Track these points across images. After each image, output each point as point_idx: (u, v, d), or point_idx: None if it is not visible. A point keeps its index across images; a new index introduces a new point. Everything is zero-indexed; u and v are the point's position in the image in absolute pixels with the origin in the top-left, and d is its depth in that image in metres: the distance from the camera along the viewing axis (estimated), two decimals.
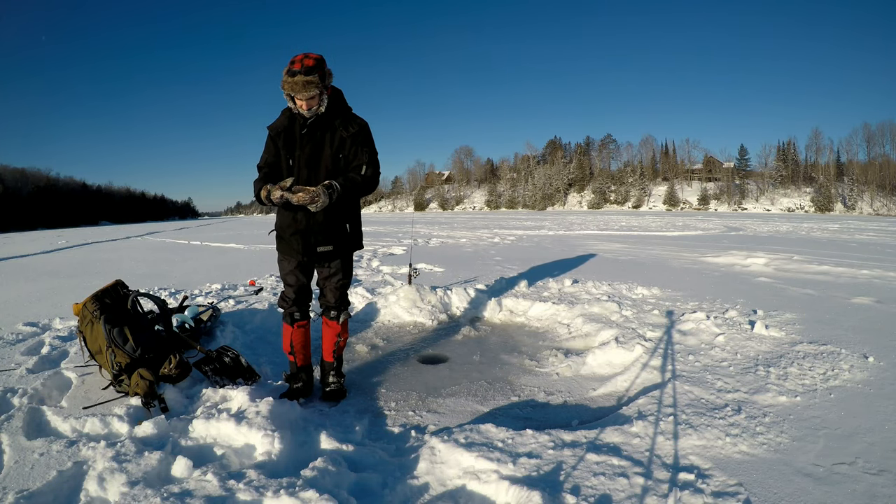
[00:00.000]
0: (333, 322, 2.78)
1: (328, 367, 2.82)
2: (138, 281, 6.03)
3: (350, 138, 2.53)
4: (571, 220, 28.40)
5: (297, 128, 2.53)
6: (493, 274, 6.43)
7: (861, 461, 1.83)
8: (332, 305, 2.77)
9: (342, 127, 2.52)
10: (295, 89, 2.34)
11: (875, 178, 62.16)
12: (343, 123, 2.53)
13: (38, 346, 3.37)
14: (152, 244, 14.96)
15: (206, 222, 54.02)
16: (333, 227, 2.58)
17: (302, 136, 2.52)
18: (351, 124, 2.54)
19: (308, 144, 2.51)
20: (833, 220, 29.48)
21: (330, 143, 2.52)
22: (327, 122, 2.51)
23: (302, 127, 2.51)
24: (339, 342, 2.79)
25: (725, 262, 7.67)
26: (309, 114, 2.45)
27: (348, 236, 2.66)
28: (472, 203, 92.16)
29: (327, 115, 2.50)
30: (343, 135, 2.52)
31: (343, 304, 2.79)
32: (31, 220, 60.00)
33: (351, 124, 2.54)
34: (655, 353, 3.11)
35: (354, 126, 2.54)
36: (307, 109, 2.43)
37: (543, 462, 1.83)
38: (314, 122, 2.50)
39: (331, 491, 1.62)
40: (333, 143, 2.52)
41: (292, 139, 2.54)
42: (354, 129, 2.53)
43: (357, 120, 2.58)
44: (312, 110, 2.44)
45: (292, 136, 2.54)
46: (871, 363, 2.75)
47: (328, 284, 2.75)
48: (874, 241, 11.82)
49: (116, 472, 1.72)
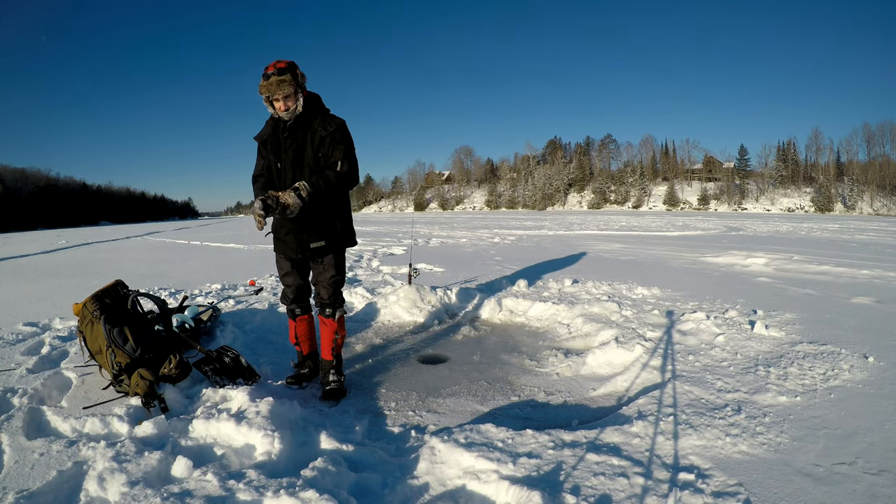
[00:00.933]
0: (329, 319, 2.84)
1: (327, 365, 2.85)
2: (138, 281, 6.03)
3: (329, 136, 2.61)
4: (571, 220, 28.39)
5: (281, 133, 2.65)
6: (493, 274, 6.43)
7: (861, 461, 1.83)
8: (327, 302, 2.83)
9: (321, 126, 2.62)
10: (270, 90, 2.48)
11: (875, 178, 62.12)
12: (322, 123, 2.63)
13: (38, 346, 3.37)
14: (152, 244, 14.96)
15: (206, 222, 54.01)
16: (323, 224, 2.70)
17: (285, 139, 2.63)
18: (329, 123, 2.63)
19: (291, 147, 2.63)
20: (833, 220, 29.47)
21: (311, 143, 2.62)
22: (306, 124, 2.62)
23: (283, 131, 2.63)
24: (336, 339, 2.84)
25: (725, 262, 7.67)
26: (287, 115, 2.57)
27: (339, 232, 2.77)
28: (472, 203, 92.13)
29: (306, 116, 2.61)
30: (322, 133, 2.61)
31: (337, 301, 2.85)
32: (31, 220, 59.99)
33: (329, 123, 2.63)
34: (655, 353, 3.11)
35: (332, 125, 2.63)
36: (285, 110, 2.55)
37: (543, 462, 1.84)
38: (294, 125, 2.61)
39: (331, 491, 1.62)
40: (314, 143, 2.62)
41: (277, 144, 2.67)
42: (332, 127, 2.62)
43: (335, 119, 2.67)
44: (290, 111, 2.56)
45: (277, 141, 2.67)
46: (871, 363, 2.75)
47: (321, 281, 2.82)
48: (874, 241, 11.82)
49: (116, 472, 1.72)
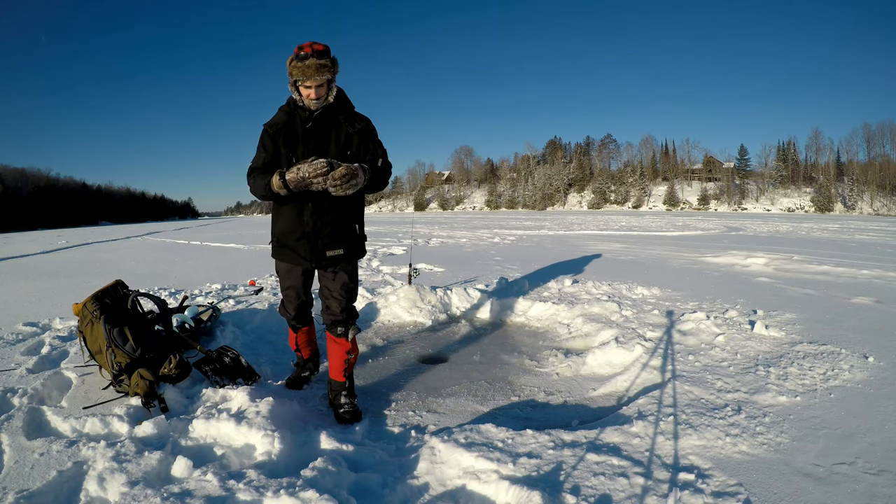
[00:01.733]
0: (342, 339, 2.49)
1: (338, 386, 2.51)
2: (138, 281, 6.03)
3: (357, 134, 2.37)
4: (571, 220, 28.39)
5: (300, 123, 2.34)
6: (493, 274, 6.43)
7: (861, 461, 1.83)
8: (339, 319, 2.49)
9: (347, 123, 2.37)
10: (307, 73, 2.17)
11: (875, 178, 62.08)
12: (348, 119, 2.38)
13: (38, 346, 3.36)
14: (152, 244, 14.96)
15: (206, 222, 54.02)
16: (344, 228, 2.40)
17: (306, 130, 2.32)
18: (356, 120, 2.40)
19: (312, 140, 2.33)
20: (833, 220, 29.46)
21: (335, 139, 2.35)
22: (332, 118, 2.35)
23: (306, 121, 2.32)
24: (349, 360, 2.51)
25: (725, 262, 7.67)
26: (316, 104, 2.27)
27: (357, 238, 2.50)
28: (472, 203, 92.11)
29: (333, 109, 2.34)
30: (349, 131, 2.36)
31: (351, 317, 2.53)
32: (31, 220, 59.93)
33: (356, 120, 2.40)
34: (655, 353, 3.11)
35: (360, 122, 2.40)
36: (315, 99, 2.25)
37: (543, 462, 1.84)
38: (320, 116, 2.32)
39: (331, 491, 1.62)
40: (339, 140, 2.35)
41: (293, 136, 2.34)
42: (360, 124, 2.39)
43: (362, 116, 2.44)
44: (321, 100, 2.27)
45: (293, 132, 2.34)
46: (871, 363, 2.75)
47: (333, 293, 2.48)
48: (874, 241, 11.82)
49: (116, 472, 1.72)
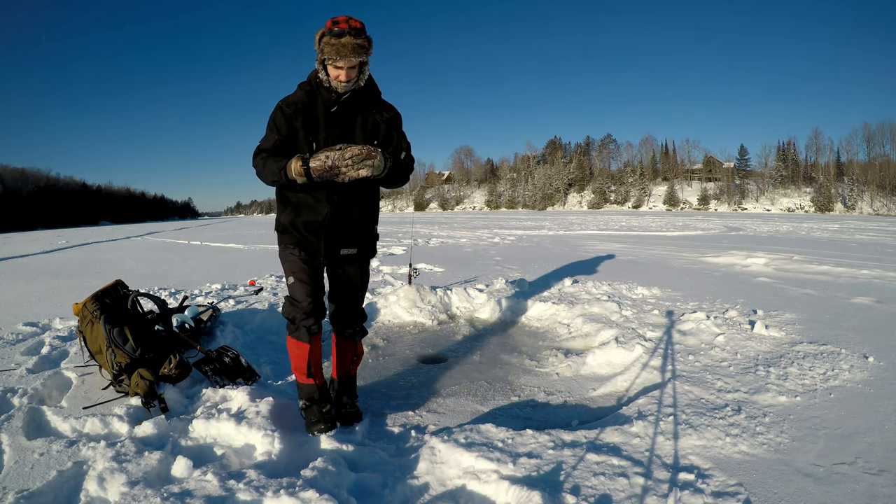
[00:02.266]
0: (349, 342, 2.44)
1: (340, 386, 2.49)
2: (138, 281, 6.03)
3: (385, 123, 2.21)
4: (571, 220, 28.39)
5: (322, 106, 2.13)
6: (493, 274, 6.43)
7: (861, 461, 1.83)
8: (348, 321, 2.40)
9: (376, 111, 2.20)
10: (341, 52, 1.96)
11: (875, 178, 62.12)
12: (376, 107, 2.21)
13: (38, 346, 3.36)
14: (152, 244, 14.97)
15: (206, 222, 54.04)
16: (362, 226, 2.28)
17: (330, 114, 2.13)
18: (387, 108, 2.24)
19: (337, 126, 2.14)
20: (833, 220, 29.46)
21: (362, 126, 2.18)
22: (359, 103, 2.17)
23: (331, 104, 2.12)
24: (354, 360, 2.49)
25: (725, 262, 7.67)
26: (345, 87, 2.07)
27: (373, 238, 2.38)
28: (472, 203, 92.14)
29: (361, 94, 2.16)
30: (378, 119, 2.20)
31: (360, 319, 2.45)
32: (31, 220, 59.95)
33: (387, 108, 2.24)
34: (655, 353, 3.11)
35: (388, 111, 2.24)
36: (345, 81, 2.05)
37: (543, 462, 1.83)
38: (347, 100, 2.13)
39: (331, 491, 1.62)
40: (366, 128, 2.19)
41: (314, 119, 2.13)
42: (389, 114, 2.23)
43: (389, 105, 2.27)
44: (351, 83, 2.07)
45: (314, 115, 2.13)
46: (871, 363, 2.75)
47: (344, 295, 2.38)
48: (874, 241, 11.82)
49: (116, 472, 1.72)
